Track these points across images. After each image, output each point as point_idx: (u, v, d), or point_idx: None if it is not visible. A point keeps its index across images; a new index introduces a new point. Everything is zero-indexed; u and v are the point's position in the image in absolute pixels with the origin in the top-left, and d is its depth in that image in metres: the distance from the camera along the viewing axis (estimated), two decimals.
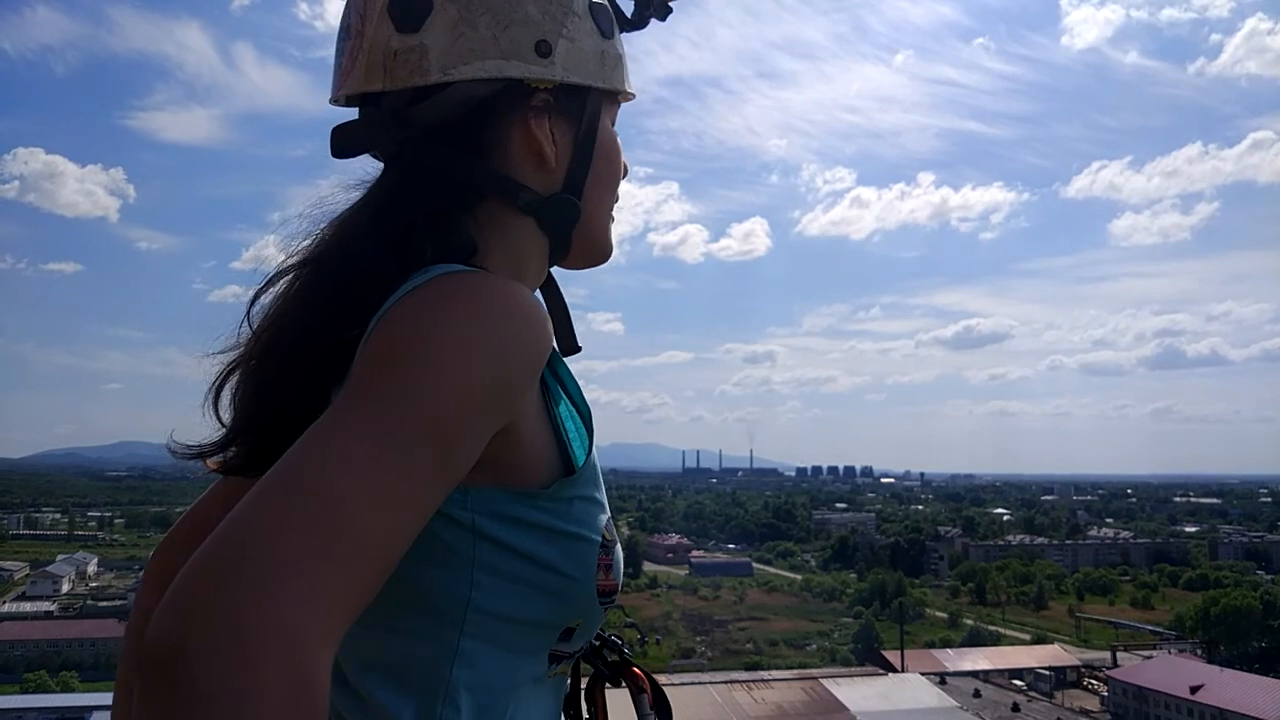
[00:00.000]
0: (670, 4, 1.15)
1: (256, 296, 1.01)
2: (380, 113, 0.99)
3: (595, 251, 1.13)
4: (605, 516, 0.99)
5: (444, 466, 0.77)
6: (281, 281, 1.00)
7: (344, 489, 0.69)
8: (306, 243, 1.01)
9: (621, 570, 1.01)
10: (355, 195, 1.04)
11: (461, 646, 0.90)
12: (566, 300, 1.17)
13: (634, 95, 1.14)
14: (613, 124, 1.12)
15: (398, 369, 0.77)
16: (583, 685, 1.15)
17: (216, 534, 0.66)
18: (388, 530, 0.71)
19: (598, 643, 1.16)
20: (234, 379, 0.99)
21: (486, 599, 0.90)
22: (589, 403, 1.02)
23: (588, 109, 1.06)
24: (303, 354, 0.93)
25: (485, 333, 0.81)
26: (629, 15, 1.14)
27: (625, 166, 1.15)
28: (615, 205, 1.14)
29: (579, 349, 1.18)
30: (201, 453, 1.01)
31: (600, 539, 0.96)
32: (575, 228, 1.07)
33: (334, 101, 1.06)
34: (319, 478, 0.70)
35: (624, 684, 1.16)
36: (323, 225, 1.02)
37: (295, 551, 0.65)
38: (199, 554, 0.65)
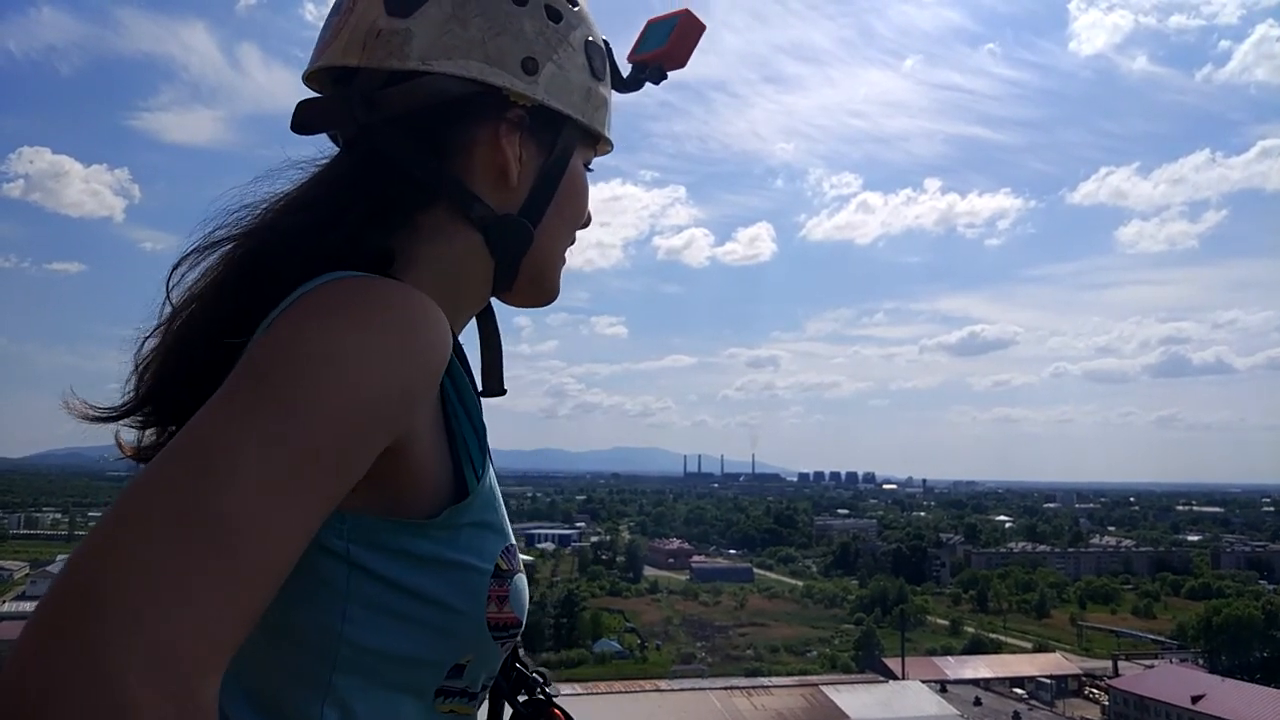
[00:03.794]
0: (667, 71, 1.14)
1: (176, 268, 0.97)
2: (349, 90, 0.96)
3: (541, 287, 1.08)
4: (503, 544, 0.94)
5: (326, 481, 0.72)
6: (211, 254, 0.96)
7: (218, 505, 0.64)
8: (242, 215, 0.97)
9: (524, 602, 0.96)
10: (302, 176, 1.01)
11: (334, 681, 0.85)
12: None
13: (612, 147, 1.13)
14: (586, 167, 1.09)
15: (279, 377, 0.73)
16: None
17: (78, 553, 0.60)
18: (267, 550, 0.66)
19: (517, 678, 1.12)
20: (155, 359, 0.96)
21: (360, 633, 0.85)
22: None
23: (561, 139, 1.03)
24: (205, 346, 0.90)
25: (374, 340, 0.77)
26: (624, 75, 1.12)
27: (589, 216, 1.11)
28: (569, 248, 1.10)
29: (504, 391, 1.12)
30: (99, 417, 0.97)
31: (492, 568, 0.91)
32: (525, 255, 1.02)
33: (306, 78, 1.04)
34: (191, 492, 0.64)
35: None
36: (264, 201, 0.98)
37: (166, 575, 0.59)
38: (60, 576, 0.59)
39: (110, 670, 0.54)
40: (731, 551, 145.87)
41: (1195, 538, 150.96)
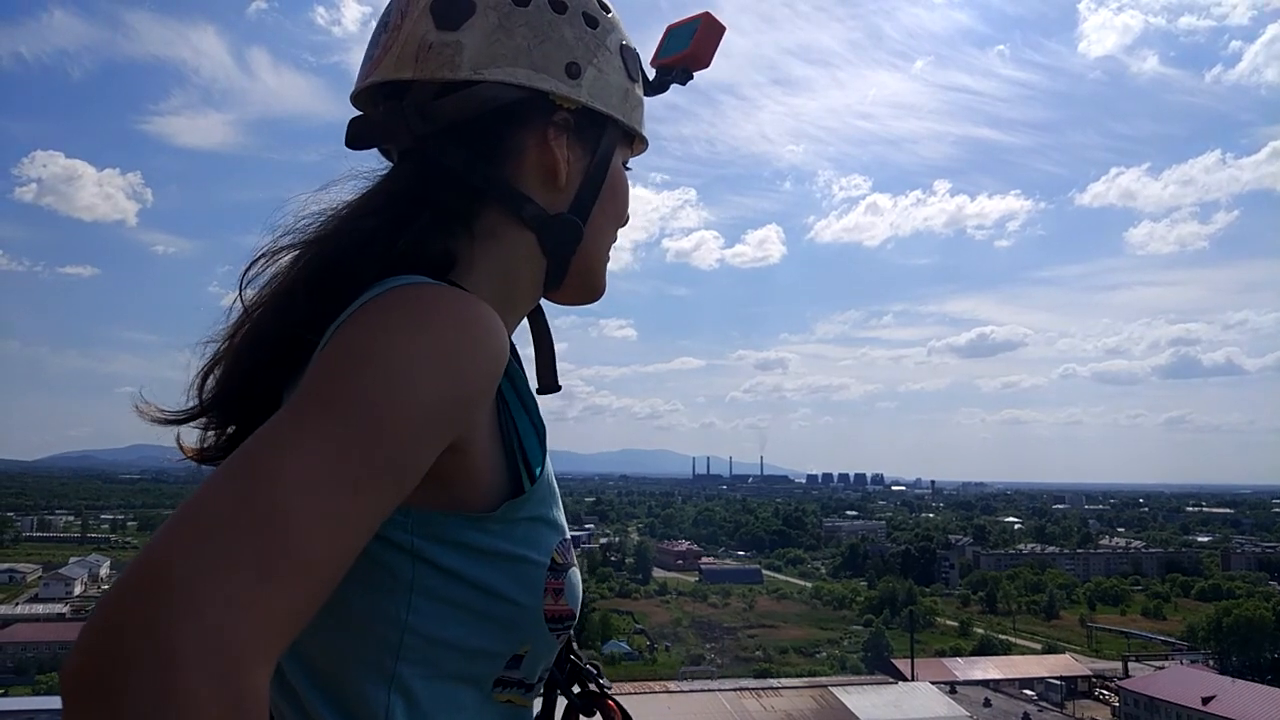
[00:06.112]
0: (692, 73, 1.19)
1: (248, 271, 1.01)
2: (403, 104, 0.99)
3: (589, 284, 1.11)
4: (559, 538, 0.97)
5: (389, 482, 0.75)
6: (279, 259, 1.00)
7: (284, 503, 0.67)
8: (308, 223, 1.01)
9: (579, 595, 0.99)
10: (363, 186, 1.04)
11: (398, 671, 0.88)
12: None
13: (647, 146, 1.17)
14: (624, 166, 1.13)
15: (346, 381, 0.76)
16: (557, 714, 1.12)
17: (150, 545, 0.64)
18: (328, 547, 0.69)
19: (571, 670, 1.14)
20: (220, 363, 0.99)
21: (424, 624, 0.88)
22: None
23: (604, 140, 1.07)
24: (273, 346, 0.94)
25: (436, 346, 0.80)
26: (650, 79, 1.17)
27: (628, 215, 1.14)
28: (613, 246, 1.14)
29: (559, 388, 1.17)
30: (169, 419, 1.00)
31: (549, 562, 0.94)
32: (575, 253, 1.06)
33: (355, 97, 1.07)
34: (258, 490, 0.67)
35: (598, 715, 1.13)
36: (329, 210, 1.01)
37: (231, 567, 0.63)
38: (130, 566, 0.63)
39: (168, 650, 0.58)
40: (740, 553, 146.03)
41: (1205, 539, 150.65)
